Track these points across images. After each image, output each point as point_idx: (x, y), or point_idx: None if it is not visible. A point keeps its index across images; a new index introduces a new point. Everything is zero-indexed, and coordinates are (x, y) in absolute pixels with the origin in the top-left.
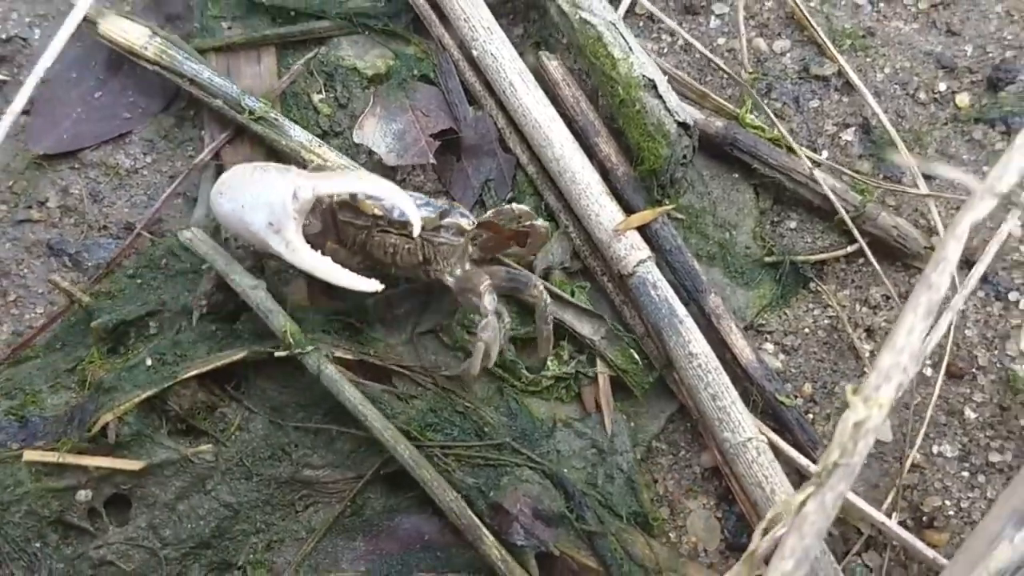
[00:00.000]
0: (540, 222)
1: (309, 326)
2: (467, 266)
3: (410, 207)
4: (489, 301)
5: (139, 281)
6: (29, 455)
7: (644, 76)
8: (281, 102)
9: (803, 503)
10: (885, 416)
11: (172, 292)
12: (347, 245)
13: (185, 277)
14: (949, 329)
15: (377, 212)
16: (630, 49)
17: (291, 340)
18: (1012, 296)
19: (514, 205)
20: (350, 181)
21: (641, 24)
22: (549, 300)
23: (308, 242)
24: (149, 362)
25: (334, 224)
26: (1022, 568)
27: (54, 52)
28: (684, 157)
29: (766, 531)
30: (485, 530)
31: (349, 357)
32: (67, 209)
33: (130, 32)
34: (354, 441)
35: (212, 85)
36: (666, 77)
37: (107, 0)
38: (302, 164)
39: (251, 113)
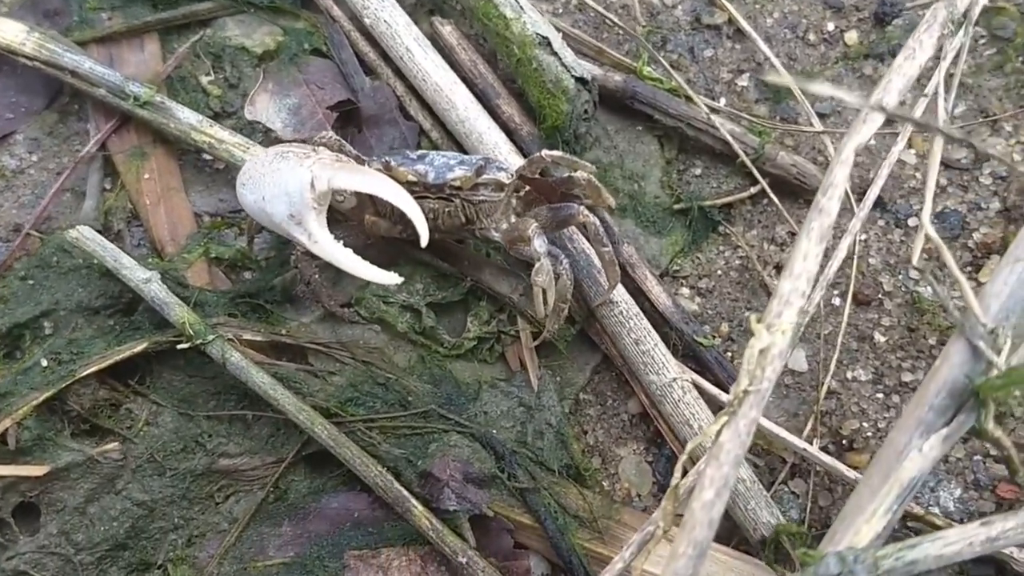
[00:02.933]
0: (580, 174)
1: (214, 310)
2: (512, 219)
3: (418, 216)
4: (539, 244)
5: (31, 282)
6: None
7: (538, 34)
8: (168, 87)
9: (719, 433)
10: (789, 340)
11: (65, 290)
12: (386, 215)
13: (78, 273)
14: (852, 257)
15: (411, 178)
16: (521, 8)
17: (191, 331)
18: (911, 222)
19: (544, 152)
20: (365, 180)
21: None
22: (599, 222)
23: (346, 217)
24: (44, 363)
25: (370, 195)
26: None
27: None
28: (585, 112)
29: (686, 468)
30: (414, 500)
31: (259, 339)
32: None
33: (6, 30)
34: (272, 425)
35: (94, 75)
36: (560, 35)
37: None
38: (199, 148)
39: (136, 99)
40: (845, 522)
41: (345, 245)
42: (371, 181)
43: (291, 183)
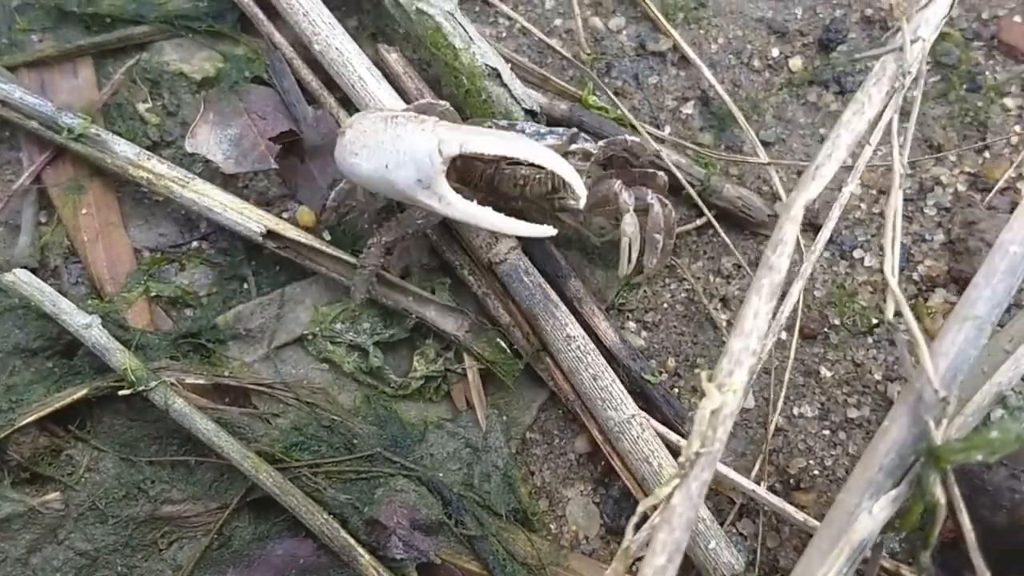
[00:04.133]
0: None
1: (155, 353)
2: (592, 186)
3: (574, 177)
4: (627, 197)
5: None
6: None
7: (487, 65)
8: (104, 115)
9: (670, 496)
10: (740, 399)
11: (2, 331)
12: (471, 183)
13: (14, 314)
14: (799, 293)
15: None
16: (470, 38)
17: (133, 377)
18: (856, 254)
19: (627, 136)
20: (498, 143)
21: (477, 9)
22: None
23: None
24: None
25: (453, 163)
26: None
27: None
28: None
29: (639, 524)
30: (360, 549)
31: (202, 382)
32: None
33: None
34: (215, 470)
35: (25, 105)
36: (508, 64)
37: None
38: (137, 182)
39: (70, 131)
40: None
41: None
42: (508, 143)
43: (418, 149)
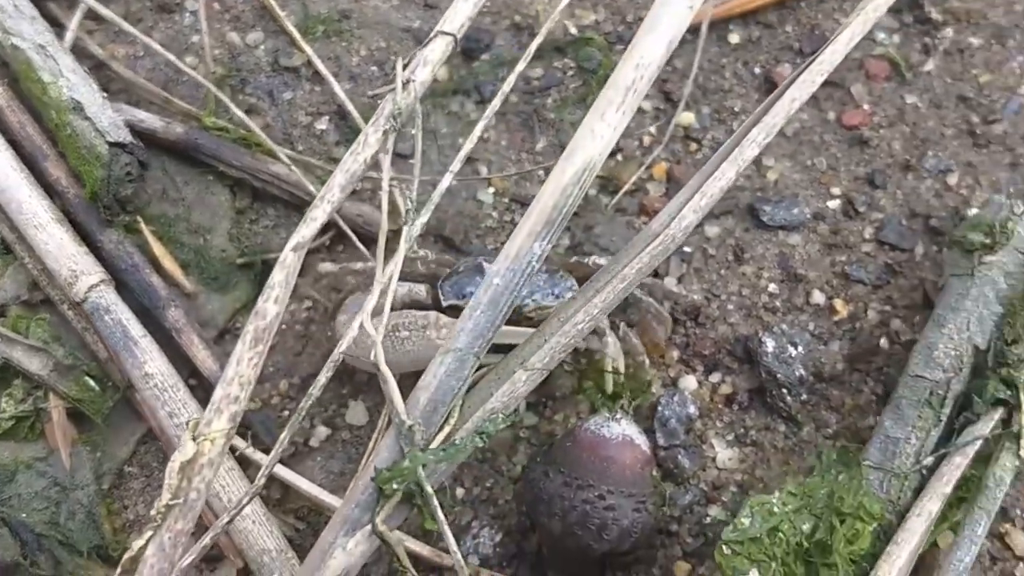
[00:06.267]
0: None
1: None
2: None
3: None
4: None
5: None
6: None
7: (72, 98)
8: None
9: (144, 547)
10: (221, 449)
11: None
12: None
13: None
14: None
15: None
16: (60, 71)
17: None
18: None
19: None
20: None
21: (116, 31)
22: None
23: None
24: None
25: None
26: None
27: None
28: (129, 174)
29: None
30: None
31: None
32: None
33: None
34: None
35: None
36: (104, 95)
37: None
38: None
39: None
40: None
41: None
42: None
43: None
